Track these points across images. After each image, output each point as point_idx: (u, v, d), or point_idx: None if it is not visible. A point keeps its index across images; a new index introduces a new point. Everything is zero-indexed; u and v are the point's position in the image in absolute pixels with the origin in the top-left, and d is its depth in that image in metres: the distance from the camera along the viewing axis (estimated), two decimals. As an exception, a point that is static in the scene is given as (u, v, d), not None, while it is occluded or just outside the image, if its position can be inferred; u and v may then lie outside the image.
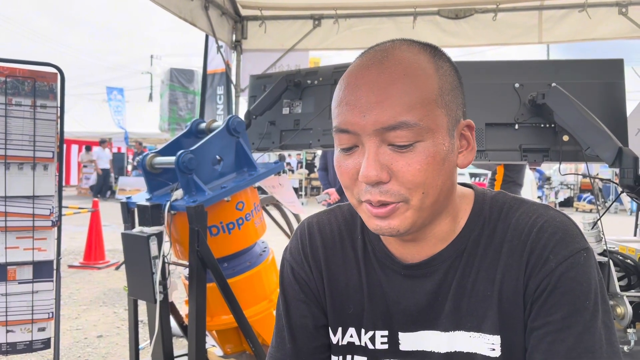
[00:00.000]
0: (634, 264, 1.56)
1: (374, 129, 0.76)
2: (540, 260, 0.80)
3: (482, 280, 0.84)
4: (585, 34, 4.03)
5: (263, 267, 2.51)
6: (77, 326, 4.31)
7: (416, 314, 0.87)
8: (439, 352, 0.85)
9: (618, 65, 1.85)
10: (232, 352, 2.59)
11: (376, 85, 0.77)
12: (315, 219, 1.00)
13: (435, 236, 0.86)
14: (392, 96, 0.76)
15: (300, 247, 0.98)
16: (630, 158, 1.47)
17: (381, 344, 0.89)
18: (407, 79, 0.77)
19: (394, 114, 0.75)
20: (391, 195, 0.77)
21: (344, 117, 0.79)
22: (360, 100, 0.77)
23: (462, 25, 4.24)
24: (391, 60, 0.79)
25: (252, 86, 2.76)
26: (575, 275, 0.79)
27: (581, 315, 0.77)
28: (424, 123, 0.76)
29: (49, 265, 2.24)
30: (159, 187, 2.48)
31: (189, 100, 10.84)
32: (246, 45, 4.70)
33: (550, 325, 0.78)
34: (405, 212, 0.78)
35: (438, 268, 0.86)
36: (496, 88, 1.83)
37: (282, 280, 0.99)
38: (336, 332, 0.93)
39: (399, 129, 0.75)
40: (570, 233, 0.82)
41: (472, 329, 0.83)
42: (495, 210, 0.87)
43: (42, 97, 2.17)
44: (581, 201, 16.06)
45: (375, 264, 0.91)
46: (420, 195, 0.77)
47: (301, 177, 17.42)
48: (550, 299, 0.78)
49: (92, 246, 6.61)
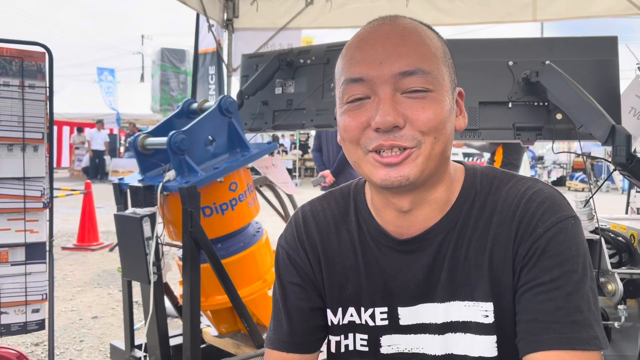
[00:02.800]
0: (625, 241, 1.58)
1: (390, 74, 0.80)
2: (529, 227, 0.82)
3: (473, 250, 0.86)
4: (579, 12, 4.01)
5: (257, 247, 2.52)
6: (71, 307, 4.32)
7: (414, 288, 0.89)
8: (436, 323, 0.87)
9: (612, 43, 1.84)
10: (227, 331, 2.61)
11: (391, 37, 0.82)
12: (309, 207, 1.02)
13: (430, 205, 0.87)
14: (409, 45, 0.81)
15: (295, 234, 1.00)
16: (623, 136, 1.47)
17: (381, 320, 0.91)
18: (418, 34, 0.83)
19: (410, 61, 0.80)
20: (406, 140, 0.80)
21: (358, 68, 0.82)
22: (376, 51, 0.81)
23: (456, 3, 4.19)
24: (401, 20, 0.85)
25: (244, 66, 2.73)
26: (564, 239, 0.81)
27: (570, 277, 0.79)
28: (435, 74, 0.81)
29: (42, 247, 2.23)
30: (151, 168, 2.46)
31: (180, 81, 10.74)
32: (238, 24, 4.64)
33: (539, 286, 0.80)
34: (416, 159, 0.80)
35: (432, 241, 0.88)
36: (490, 66, 1.81)
37: (278, 266, 1.01)
38: (336, 313, 0.95)
39: (415, 75, 0.80)
40: (557, 202, 0.84)
41: (467, 298, 0.85)
42: (485, 183, 0.90)
43: (30, 77, 2.14)
44: (573, 180, 16.15)
45: (371, 243, 0.93)
46: (432, 139, 0.80)
47: (295, 158, 17.39)
48: (540, 263, 0.81)
49: (86, 228, 6.60)
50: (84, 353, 3.41)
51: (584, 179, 15.51)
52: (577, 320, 0.77)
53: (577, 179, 16.08)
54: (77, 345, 3.54)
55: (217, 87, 5.35)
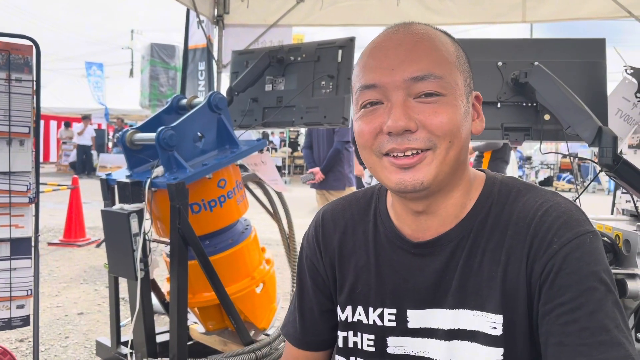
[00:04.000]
0: (610, 241, 1.59)
1: (402, 79, 0.81)
2: (544, 243, 0.81)
3: (487, 260, 0.85)
4: (568, 13, 4.04)
5: (245, 244, 2.51)
6: (57, 303, 4.28)
7: (424, 291, 0.89)
8: (444, 329, 0.87)
9: (600, 45, 1.85)
10: (214, 328, 2.60)
11: (403, 44, 0.83)
12: (331, 207, 1.06)
13: (447, 210, 0.88)
14: (420, 51, 0.82)
15: (314, 234, 1.04)
16: (609, 137, 1.48)
17: (389, 321, 0.92)
18: (431, 40, 0.84)
19: (422, 66, 0.81)
20: (419, 142, 0.80)
21: (371, 75, 0.83)
22: (388, 58, 0.82)
23: (447, 3, 4.20)
24: (414, 27, 0.86)
25: (234, 62, 2.72)
26: (581, 256, 0.78)
27: (591, 294, 0.76)
28: (447, 79, 0.82)
29: (27, 242, 2.21)
30: (139, 163, 2.45)
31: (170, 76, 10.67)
32: (228, 20, 4.61)
33: (560, 307, 0.77)
34: (431, 163, 0.81)
35: (446, 247, 0.88)
36: (479, 66, 1.82)
37: (299, 265, 1.07)
38: (345, 310, 0.97)
39: (427, 80, 0.80)
40: (575, 217, 0.82)
41: (476, 307, 0.85)
42: (503, 193, 0.89)
43: (16, 71, 2.11)
44: (561, 180, 16.29)
45: (385, 244, 0.94)
46: (446, 143, 0.81)
47: (284, 155, 17.36)
48: (558, 281, 0.78)
49: (72, 224, 6.54)
50: (69, 349, 3.38)
51: (570, 180, 15.64)
52: (604, 340, 0.74)
53: (564, 179, 16.22)
54: (63, 341, 3.51)
55: (206, 83, 5.33)
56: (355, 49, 2.36)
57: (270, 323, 2.63)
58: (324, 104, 2.37)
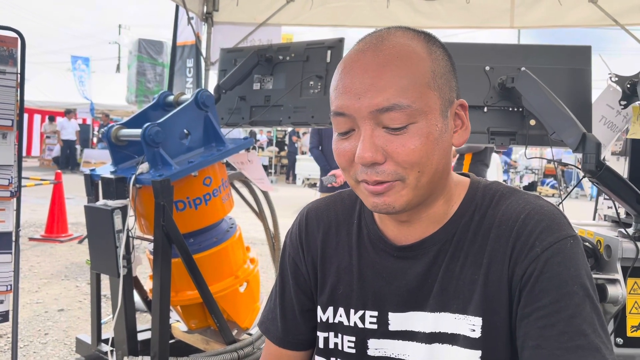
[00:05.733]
0: (592, 247, 1.61)
1: (368, 111, 0.78)
2: (526, 246, 0.81)
3: (470, 264, 0.85)
4: (555, 20, 4.08)
5: (230, 243, 2.50)
6: (37, 299, 4.23)
7: (406, 294, 0.89)
8: (424, 332, 0.87)
9: (586, 52, 1.88)
10: (197, 327, 2.58)
11: (370, 68, 0.79)
12: (315, 205, 1.04)
13: (429, 218, 0.88)
14: (385, 78, 0.78)
15: (297, 232, 1.03)
16: (593, 143, 1.50)
17: (370, 324, 0.92)
18: (400, 62, 0.79)
19: (387, 96, 0.78)
20: (387, 175, 0.79)
21: (340, 101, 0.81)
22: (354, 84, 0.80)
23: (436, 7, 4.22)
24: (386, 44, 0.81)
25: (222, 60, 2.71)
26: (562, 260, 0.79)
27: (570, 298, 0.77)
28: (416, 105, 0.78)
29: (8, 237, 2.18)
30: (124, 159, 2.42)
31: (157, 72, 10.57)
32: (217, 18, 4.58)
33: (539, 310, 0.78)
34: (401, 191, 0.80)
35: (429, 250, 0.88)
36: (467, 70, 1.83)
37: (281, 264, 1.06)
38: (325, 311, 0.97)
39: (392, 111, 0.77)
40: (557, 221, 0.82)
41: (458, 310, 0.85)
42: (487, 197, 0.89)
43: (1, 63, 2.08)
44: (544, 186, 16.46)
45: (368, 246, 0.94)
46: (416, 174, 0.80)
47: (271, 154, 17.32)
48: (538, 285, 0.79)
49: (55, 219, 6.46)
50: (48, 346, 3.34)
51: (554, 185, 15.82)
52: (581, 344, 0.74)
53: (548, 184, 16.40)
54: (42, 338, 3.47)
55: (194, 81, 5.29)
56: (344, 50, 2.37)
57: (253, 322, 2.62)
58: (312, 104, 2.37)
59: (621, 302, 1.46)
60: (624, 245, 1.50)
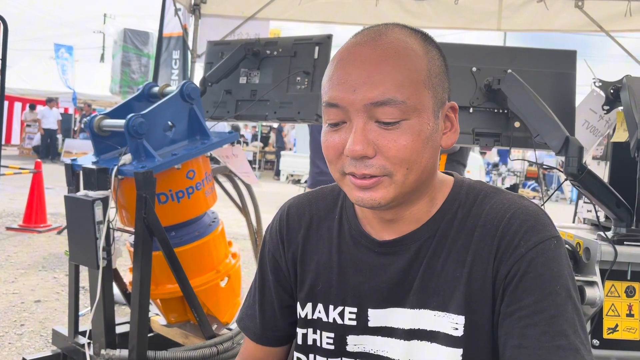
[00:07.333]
0: (571, 249, 1.63)
1: (362, 104, 0.78)
2: (511, 246, 0.82)
3: (452, 261, 0.85)
4: (541, 25, 4.12)
5: (212, 237, 2.48)
6: (13, 290, 4.16)
7: (386, 291, 0.89)
8: (403, 328, 0.87)
9: (571, 57, 1.90)
10: (176, 321, 2.56)
11: (367, 61, 0.79)
12: (297, 201, 1.03)
13: (412, 216, 0.88)
14: (383, 73, 0.78)
15: (278, 227, 1.02)
16: (576, 147, 1.51)
17: (349, 320, 0.91)
18: (398, 57, 0.79)
19: (383, 90, 0.78)
20: (376, 169, 0.79)
21: (334, 92, 0.81)
22: (351, 76, 0.79)
23: (425, 7, 4.24)
24: (384, 39, 0.81)
25: (209, 52, 2.68)
26: (545, 261, 0.80)
27: (552, 299, 0.78)
28: (411, 102, 0.78)
29: (-15, 225, 2.14)
30: (106, 150, 2.39)
31: (142, 63, 10.46)
32: (205, 10, 4.54)
33: (522, 310, 0.79)
34: (388, 187, 0.80)
35: (410, 246, 0.88)
36: (454, 70, 1.82)
37: (260, 259, 1.05)
38: (304, 307, 0.96)
39: (387, 106, 0.78)
40: (541, 222, 0.83)
41: (438, 308, 0.85)
42: (471, 196, 0.89)
43: (-19, 47, 2.04)
44: (526, 188, 16.65)
45: (349, 242, 0.94)
46: (404, 170, 0.80)
47: (255, 149, 17.25)
48: (521, 284, 0.80)
49: (33, 209, 6.36)
50: (24, 337, 3.29)
51: (535, 188, 16.01)
52: (562, 345, 0.75)
53: (530, 187, 16.59)
54: (18, 329, 3.41)
55: (180, 72, 5.24)
56: (332, 47, 2.36)
57: (233, 317, 2.61)
58: (299, 100, 2.36)
59: (598, 304, 1.48)
60: (603, 248, 1.52)
